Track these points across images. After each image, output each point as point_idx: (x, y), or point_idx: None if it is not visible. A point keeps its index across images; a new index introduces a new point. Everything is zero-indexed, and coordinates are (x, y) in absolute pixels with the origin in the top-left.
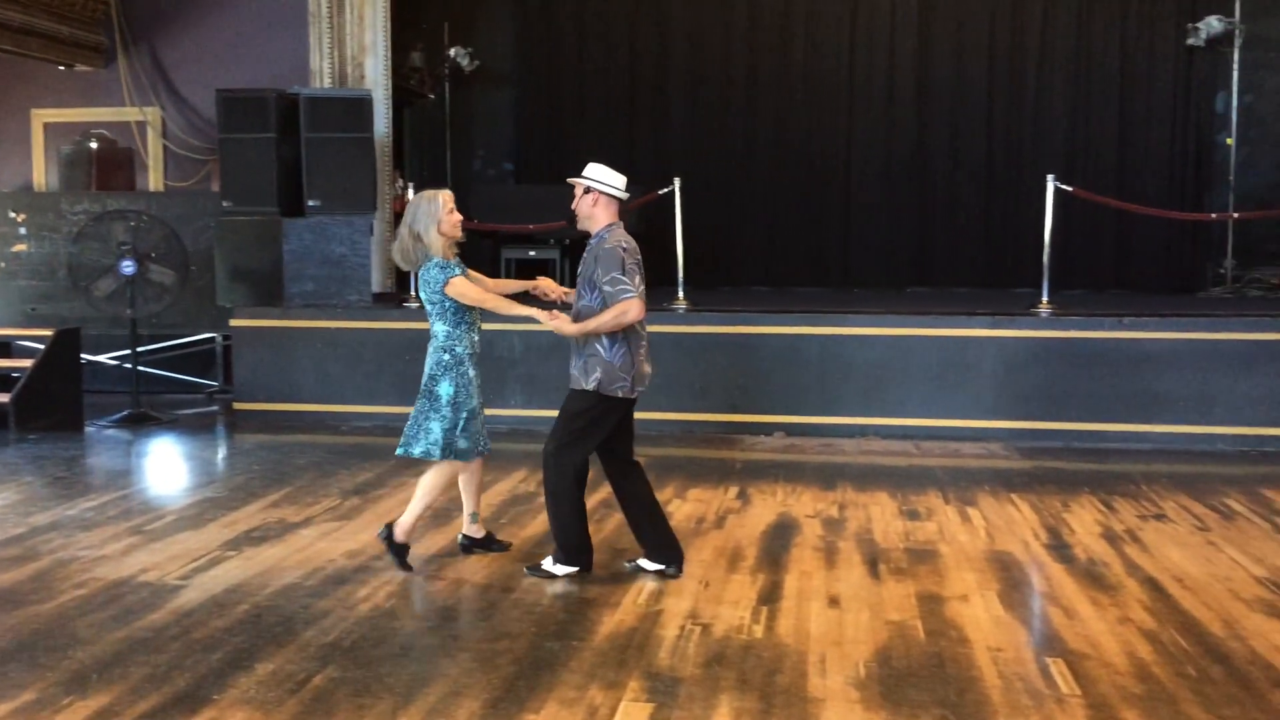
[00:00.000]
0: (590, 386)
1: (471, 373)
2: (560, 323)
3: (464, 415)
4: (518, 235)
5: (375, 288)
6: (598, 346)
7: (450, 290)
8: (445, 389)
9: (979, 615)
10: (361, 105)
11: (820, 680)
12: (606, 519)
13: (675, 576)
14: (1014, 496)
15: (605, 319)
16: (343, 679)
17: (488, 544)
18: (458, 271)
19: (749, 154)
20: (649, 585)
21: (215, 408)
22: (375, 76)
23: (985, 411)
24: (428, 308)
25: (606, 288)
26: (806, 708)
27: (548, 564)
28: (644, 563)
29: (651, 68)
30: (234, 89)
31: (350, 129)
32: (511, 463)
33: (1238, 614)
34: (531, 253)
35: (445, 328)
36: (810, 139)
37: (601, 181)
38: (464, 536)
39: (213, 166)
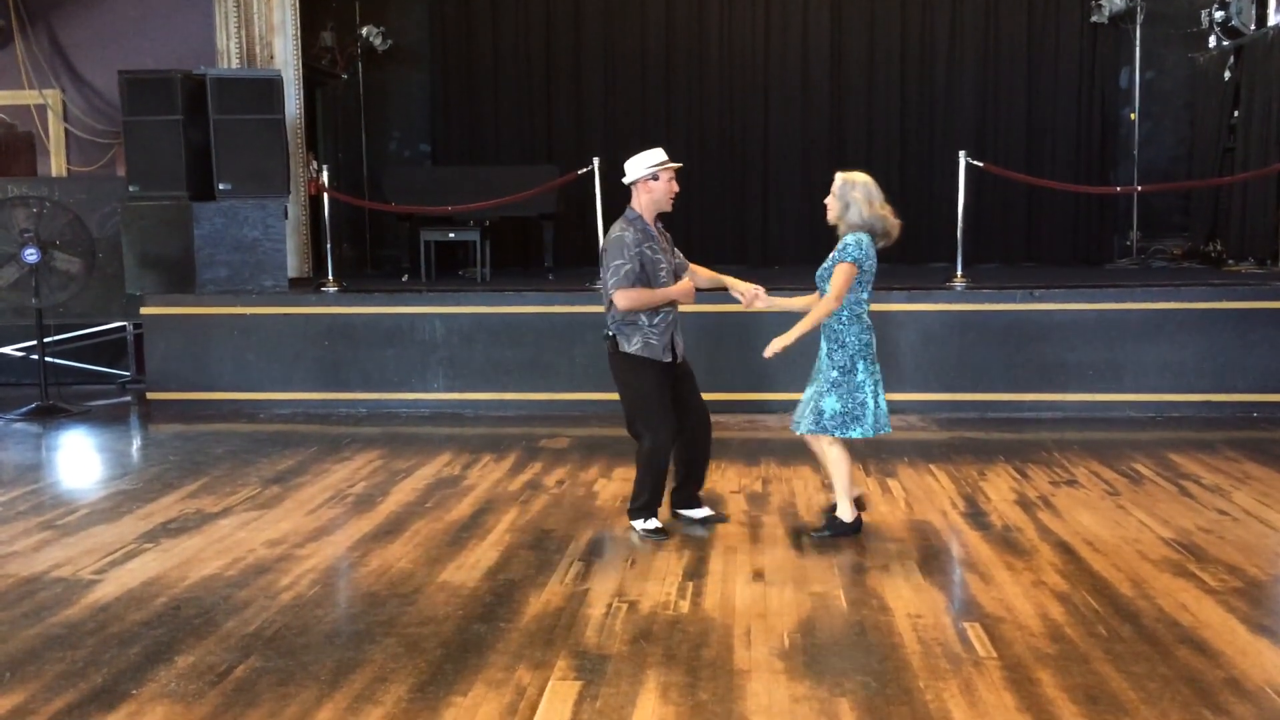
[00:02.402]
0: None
1: (865, 349)
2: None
3: (866, 391)
4: (436, 217)
5: (291, 272)
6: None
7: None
8: (840, 363)
9: (899, 584)
10: (271, 86)
11: (746, 652)
12: (532, 500)
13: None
14: (932, 467)
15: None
16: (265, 668)
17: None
18: (852, 256)
19: (668, 135)
20: (575, 565)
21: (128, 398)
22: (285, 56)
23: (904, 384)
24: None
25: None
26: (732, 680)
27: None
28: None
29: (568, 48)
30: (137, 70)
31: (260, 110)
32: (435, 446)
33: (1146, 574)
34: (451, 235)
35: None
36: (729, 119)
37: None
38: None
39: (118, 150)
